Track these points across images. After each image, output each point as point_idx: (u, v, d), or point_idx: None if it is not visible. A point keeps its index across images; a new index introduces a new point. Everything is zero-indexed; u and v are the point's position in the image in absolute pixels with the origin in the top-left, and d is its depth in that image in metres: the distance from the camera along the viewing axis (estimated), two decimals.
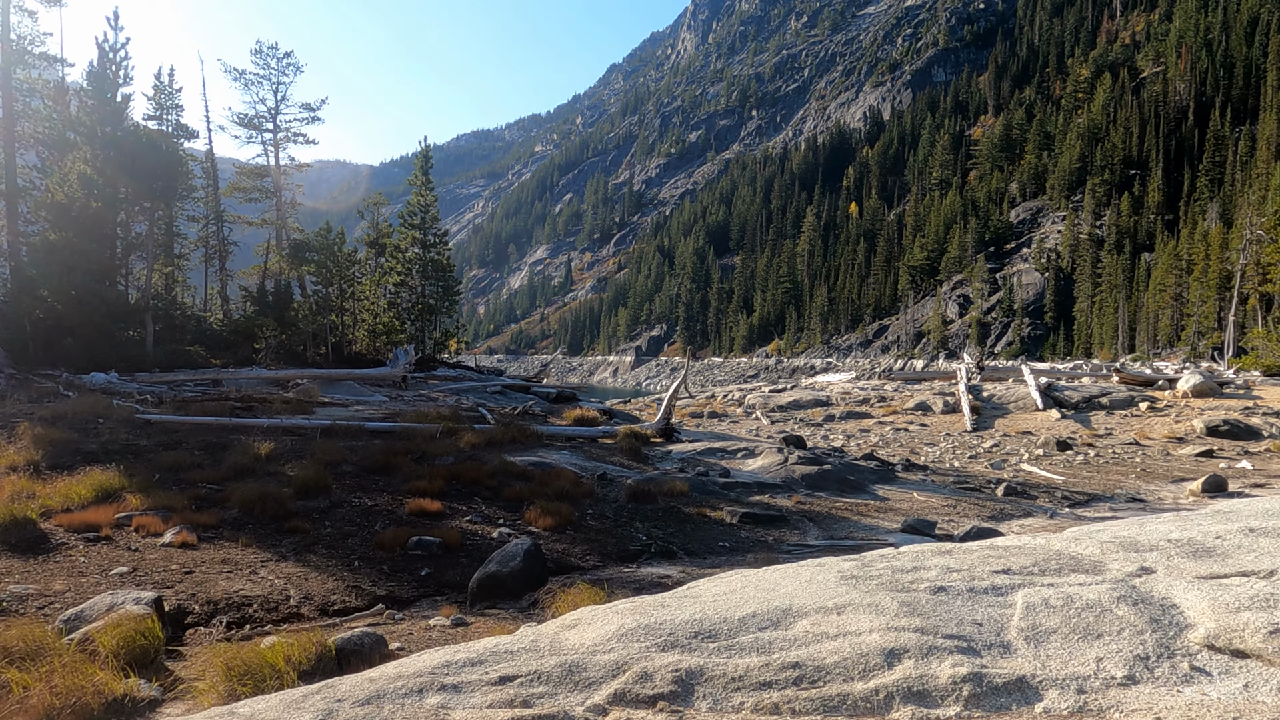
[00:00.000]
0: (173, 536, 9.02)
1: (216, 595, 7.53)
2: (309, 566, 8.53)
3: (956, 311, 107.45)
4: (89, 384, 17.77)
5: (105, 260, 22.54)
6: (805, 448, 16.19)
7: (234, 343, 25.49)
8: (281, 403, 17.01)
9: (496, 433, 14.35)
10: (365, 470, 12.61)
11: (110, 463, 11.92)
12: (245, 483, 11.48)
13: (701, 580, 4.98)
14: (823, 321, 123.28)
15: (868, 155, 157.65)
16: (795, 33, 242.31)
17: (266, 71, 32.79)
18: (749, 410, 27.04)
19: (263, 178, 33.14)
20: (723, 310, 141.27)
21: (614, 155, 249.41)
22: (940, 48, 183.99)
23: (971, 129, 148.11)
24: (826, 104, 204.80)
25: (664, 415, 16.42)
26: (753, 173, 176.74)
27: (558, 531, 10.34)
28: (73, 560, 8.32)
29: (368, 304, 30.43)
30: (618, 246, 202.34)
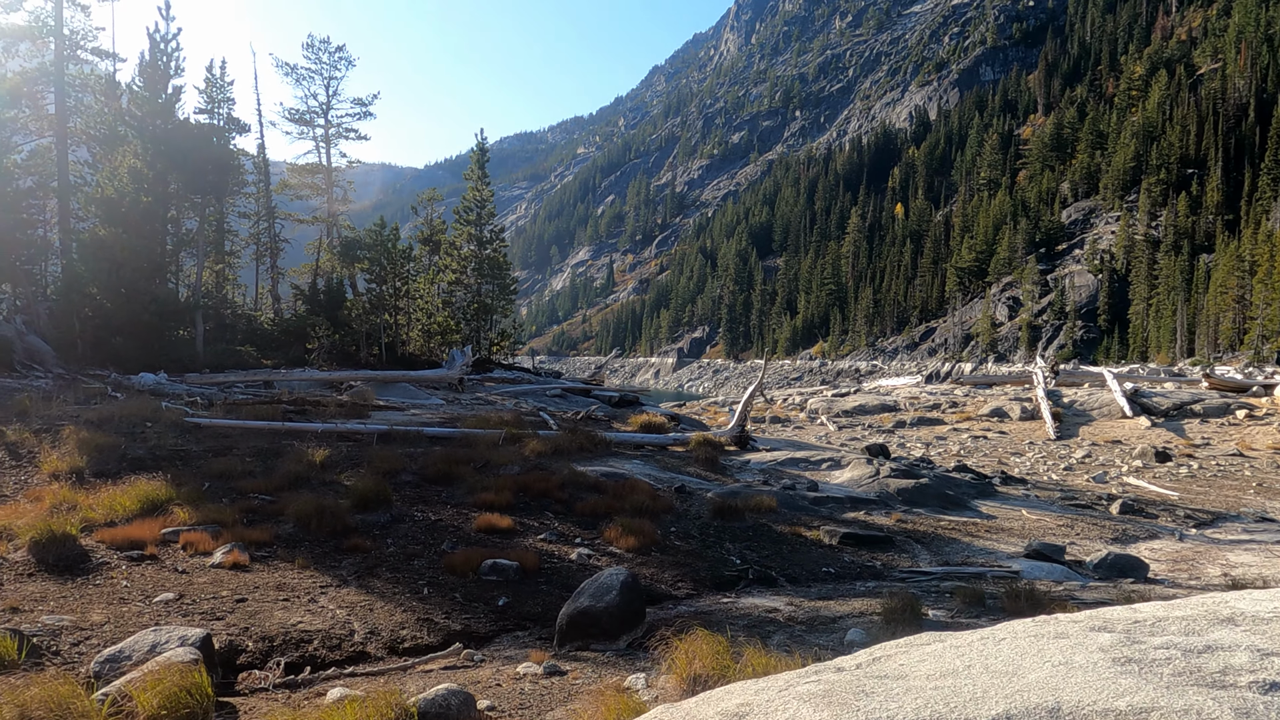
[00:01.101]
0: (223, 556, 8.15)
1: (272, 629, 6.60)
2: (373, 594, 7.59)
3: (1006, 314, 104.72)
4: (138, 385, 17.16)
5: (155, 257, 22.02)
6: (890, 458, 15.00)
7: (285, 343, 24.84)
8: (335, 406, 16.22)
9: (563, 440, 13.38)
10: (426, 480, 11.71)
11: (157, 470, 11.13)
12: (300, 493, 10.63)
13: (888, 648, 3.90)
14: (868, 324, 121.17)
15: (913, 155, 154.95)
16: (839, 32, 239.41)
17: (318, 66, 32.32)
18: (813, 415, 25.83)
19: (314, 174, 32.60)
20: (765, 312, 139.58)
21: (656, 157, 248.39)
22: (988, 46, 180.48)
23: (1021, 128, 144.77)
24: (871, 104, 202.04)
25: (738, 422, 15.35)
26: (796, 173, 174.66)
27: (641, 553, 9.31)
28: (114, 584, 7.47)
29: (422, 303, 29.61)
30: (660, 248, 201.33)
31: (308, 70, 32.21)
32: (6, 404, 14.64)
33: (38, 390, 15.98)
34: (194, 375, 19.26)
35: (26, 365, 18.80)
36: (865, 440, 21.35)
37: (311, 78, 32.33)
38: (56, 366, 18.78)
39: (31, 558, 7.95)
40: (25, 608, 6.74)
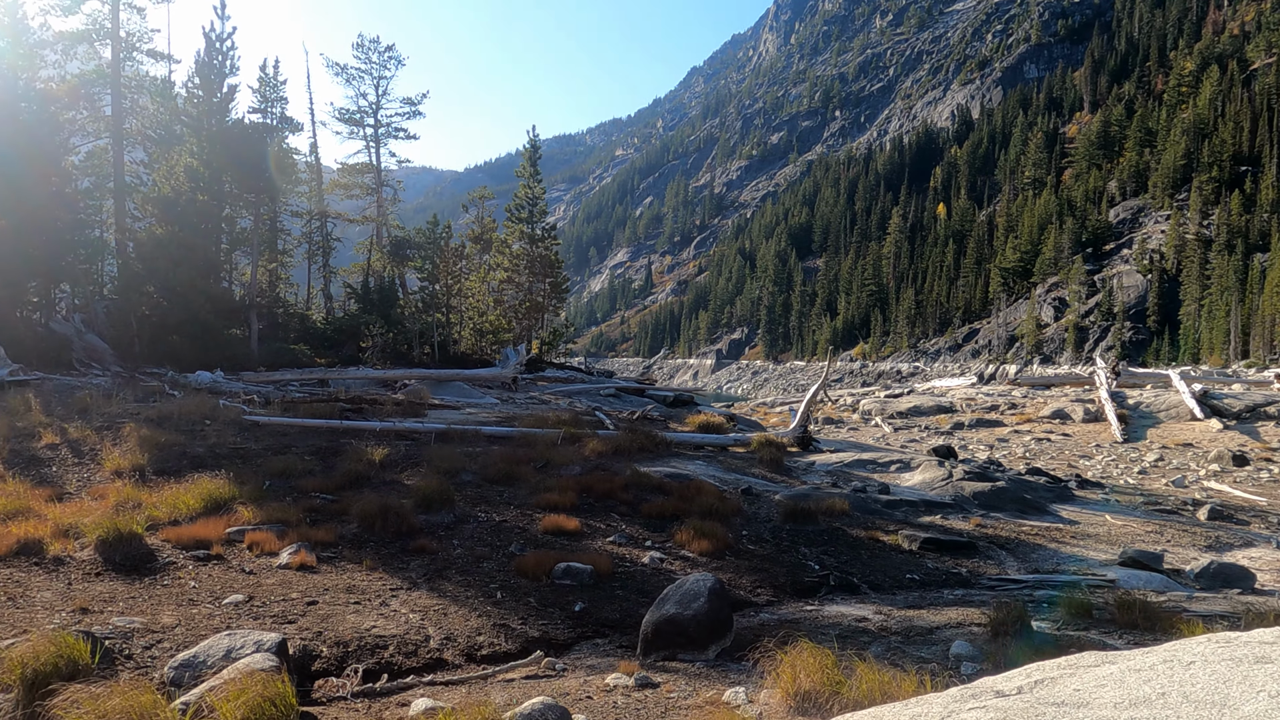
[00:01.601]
0: (290, 557, 7.94)
1: (346, 634, 6.35)
2: (445, 597, 7.31)
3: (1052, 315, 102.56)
4: (194, 383, 17.17)
5: (211, 256, 22.12)
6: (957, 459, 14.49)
7: (338, 341, 24.83)
8: (392, 404, 16.07)
9: (623, 440, 13.07)
10: (487, 480, 11.46)
11: (218, 468, 11.00)
12: (361, 493, 10.43)
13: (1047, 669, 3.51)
14: (909, 325, 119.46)
15: (956, 155, 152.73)
16: (880, 31, 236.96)
17: (368, 66, 32.36)
18: (866, 416, 25.25)
19: (364, 174, 32.65)
20: (805, 313, 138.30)
21: (694, 158, 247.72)
22: (1032, 43, 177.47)
23: (1066, 126, 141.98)
24: (912, 103, 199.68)
25: (800, 422, 14.92)
26: (836, 174, 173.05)
27: (715, 557, 8.96)
28: (182, 584, 7.28)
29: (473, 301, 29.45)
30: (698, 249, 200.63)
31: (358, 70, 32.33)
32: (67, 401, 14.68)
33: (97, 388, 16.04)
34: (249, 374, 19.25)
35: (85, 363, 18.94)
36: (924, 442, 20.79)
37: (361, 77, 32.46)
38: (114, 364, 18.88)
39: (98, 556, 7.81)
40: (95, 608, 6.57)
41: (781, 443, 14.28)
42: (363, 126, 32.92)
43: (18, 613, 6.38)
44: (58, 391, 15.71)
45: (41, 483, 10.16)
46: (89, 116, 24.50)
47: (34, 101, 20.98)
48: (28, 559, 7.66)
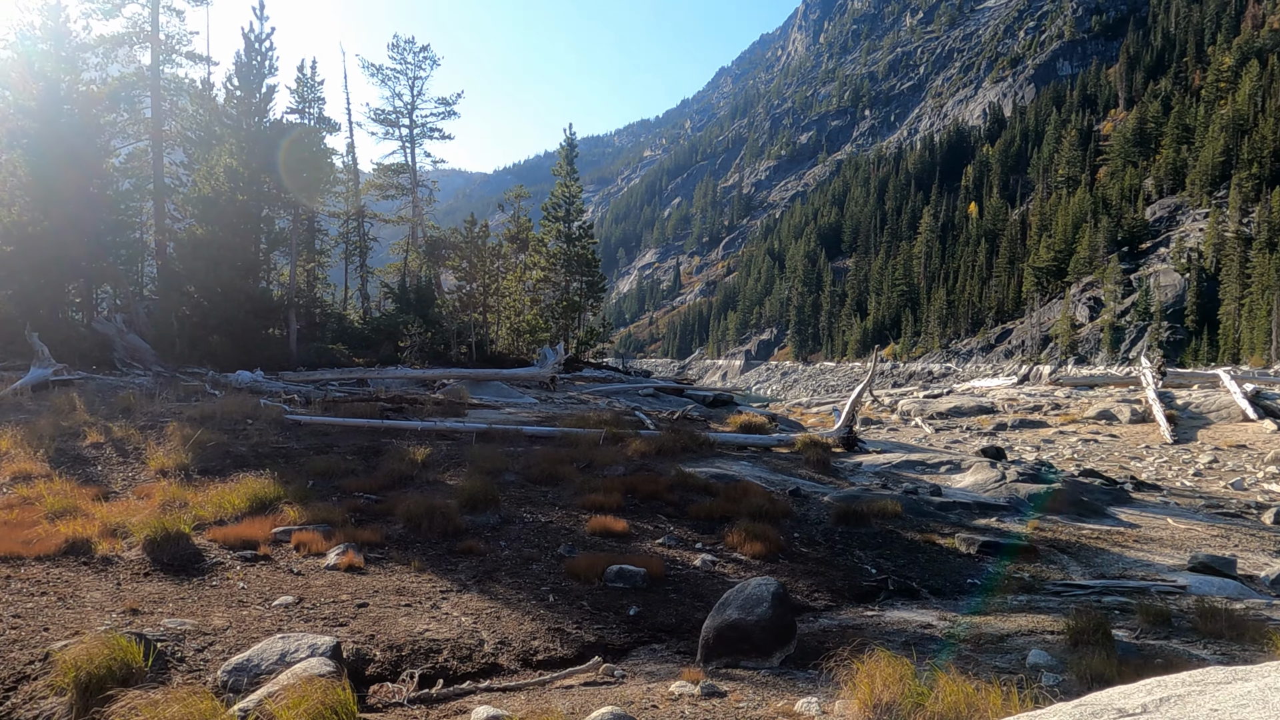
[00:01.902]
0: (337, 558, 7.81)
1: (398, 637, 6.19)
2: (497, 600, 7.14)
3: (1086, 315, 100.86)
4: (234, 383, 17.21)
5: (250, 256, 22.24)
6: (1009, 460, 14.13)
7: (376, 341, 24.86)
8: (432, 404, 15.99)
9: (666, 440, 12.86)
10: (530, 480, 11.30)
11: (261, 467, 10.94)
12: (405, 492, 10.32)
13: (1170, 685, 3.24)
14: (941, 325, 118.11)
15: (988, 153, 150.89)
16: (910, 29, 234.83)
17: (403, 66, 32.41)
18: (905, 417, 24.83)
19: (399, 174, 32.73)
20: (835, 314, 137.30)
21: (723, 158, 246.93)
22: (1066, 40, 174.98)
23: (1101, 123, 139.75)
24: (943, 101, 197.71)
25: (845, 423, 14.62)
26: (866, 173, 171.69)
27: (768, 560, 8.72)
28: (230, 585, 7.17)
29: (510, 301, 29.36)
30: (726, 250, 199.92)
31: (393, 70, 32.40)
32: (110, 400, 14.73)
33: (139, 387, 16.11)
34: (289, 373, 19.28)
35: (127, 363, 19.07)
36: (967, 443, 20.38)
37: (396, 78, 32.53)
38: (155, 364, 18.99)
39: (146, 556, 7.73)
40: (145, 609, 6.47)
41: (826, 443, 14.00)
42: (398, 127, 33.04)
43: (68, 613, 6.30)
44: (101, 391, 15.79)
45: (87, 481, 10.14)
46: (129, 119, 24.73)
47: (76, 105, 21.18)
48: (76, 558, 7.60)
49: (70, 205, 19.78)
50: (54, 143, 19.77)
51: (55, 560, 7.51)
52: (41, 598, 6.62)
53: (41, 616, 6.18)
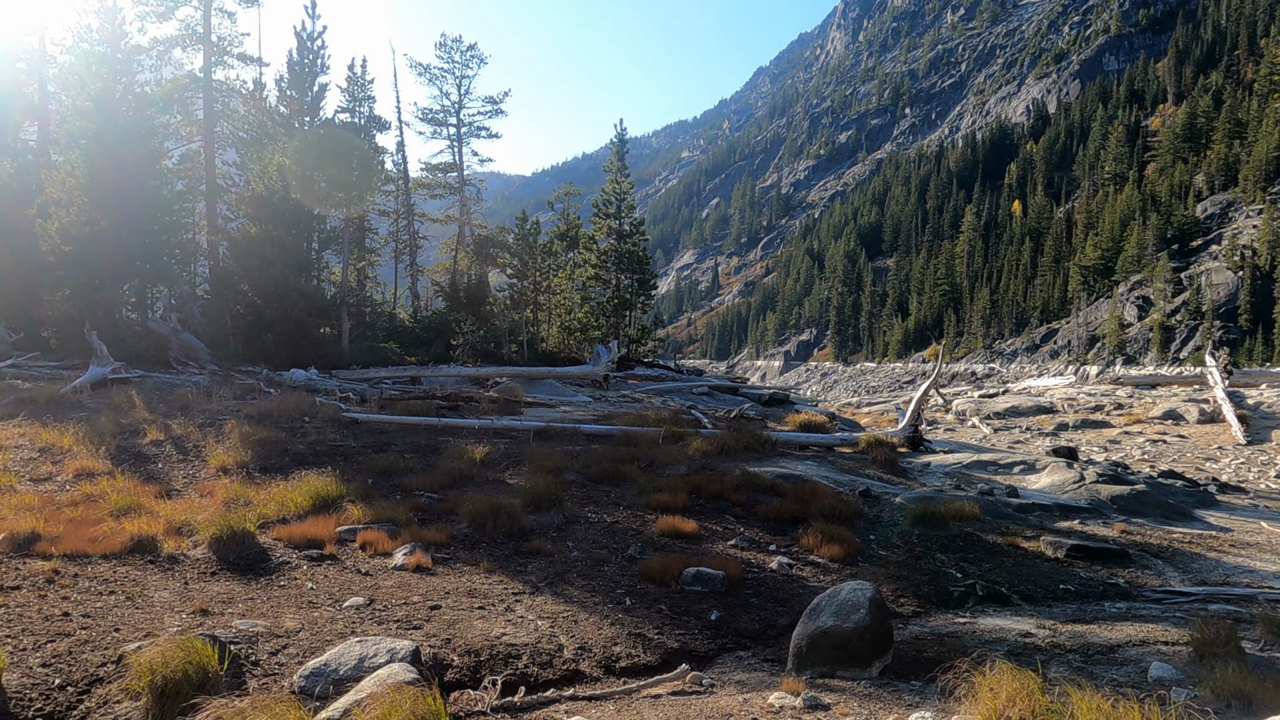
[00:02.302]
0: (404, 558, 7.59)
1: (475, 641, 5.94)
2: (572, 603, 6.86)
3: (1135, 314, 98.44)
4: (289, 381, 17.19)
5: (303, 254, 22.31)
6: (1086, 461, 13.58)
7: (426, 339, 24.81)
8: (488, 402, 15.82)
9: (727, 439, 12.53)
10: (591, 479, 11.04)
11: (320, 465, 10.80)
12: (465, 491, 10.10)
13: None
14: (984, 325, 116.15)
15: (1031, 150, 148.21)
16: (951, 26, 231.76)
17: (450, 65, 32.41)
18: (961, 416, 24.22)
19: (447, 172, 32.75)
20: (875, 314, 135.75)
21: (761, 158, 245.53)
22: (1112, 34, 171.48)
23: (1149, 119, 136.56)
24: (985, 99, 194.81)
25: (910, 422, 14.16)
26: (906, 172, 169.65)
27: (847, 563, 8.36)
28: (299, 586, 6.97)
29: (560, 299, 29.15)
30: (765, 250, 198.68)
31: (440, 69, 32.40)
32: (168, 398, 14.74)
33: (195, 385, 16.13)
34: (343, 371, 19.24)
35: (182, 361, 19.17)
36: (1028, 443, 19.77)
37: (444, 77, 32.53)
38: (210, 362, 19.07)
39: (212, 555, 7.57)
40: (214, 610, 6.29)
41: (891, 443, 13.56)
42: (445, 126, 33.00)
43: (138, 613, 6.13)
44: (158, 389, 15.83)
45: (149, 479, 10.05)
46: (182, 121, 24.98)
47: (131, 107, 21.37)
48: (142, 557, 7.46)
49: (126, 206, 19.95)
50: (110, 144, 19.97)
51: (122, 558, 7.38)
52: (110, 596, 6.47)
53: (111, 616, 6.03)
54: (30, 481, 9.90)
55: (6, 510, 8.48)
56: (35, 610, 6.03)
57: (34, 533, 7.59)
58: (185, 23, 24.17)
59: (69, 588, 6.59)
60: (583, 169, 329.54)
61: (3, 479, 9.56)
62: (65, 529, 7.91)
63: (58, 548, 7.37)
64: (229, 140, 25.14)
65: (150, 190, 20.97)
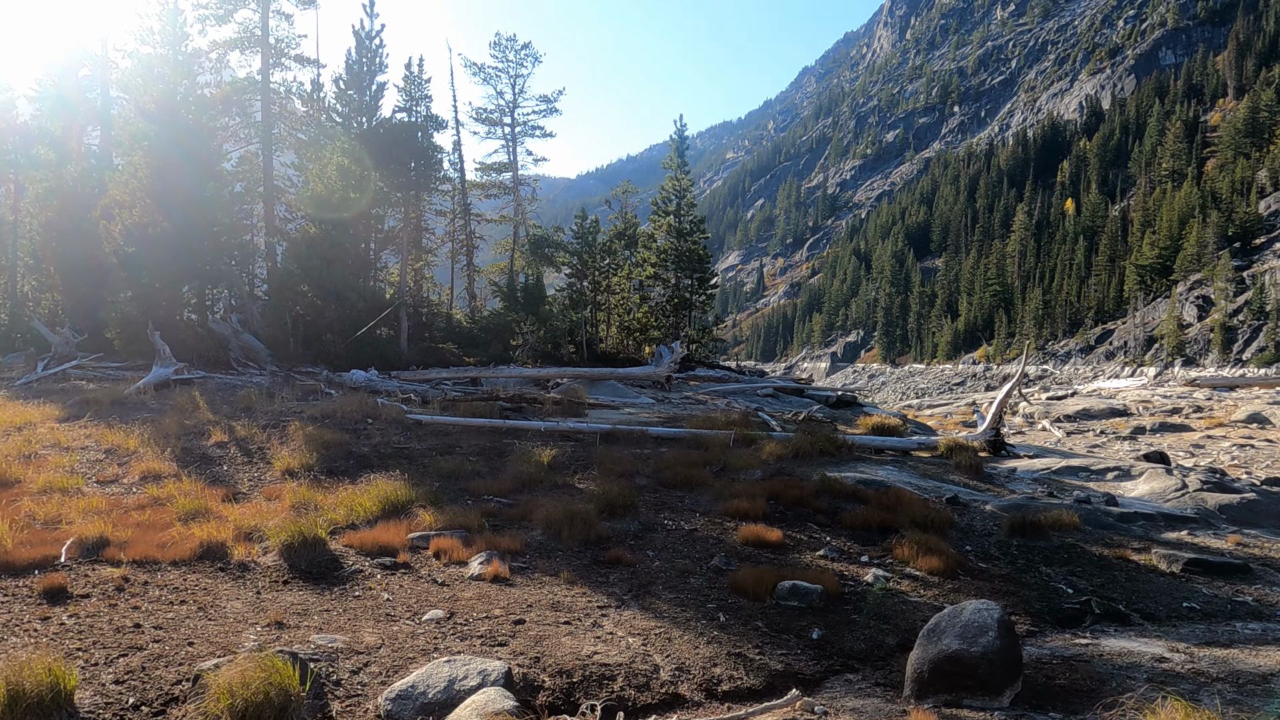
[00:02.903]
0: (481, 567, 7.23)
1: (565, 660, 5.54)
2: (662, 619, 6.44)
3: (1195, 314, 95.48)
4: (350, 382, 17.05)
5: (362, 254, 22.25)
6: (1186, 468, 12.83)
7: (484, 340, 24.62)
8: (551, 404, 15.50)
9: (801, 442, 12.02)
10: (662, 484, 10.61)
11: (385, 468, 10.53)
12: (534, 496, 9.74)
13: None
14: (1036, 326, 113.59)
15: (1085, 148, 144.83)
16: (1001, 22, 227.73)
17: (505, 64, 32.25)
18: (1029, 419, 23.36)
19: (501, 172, 32.60)
20: (924, 315, 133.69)
21: (807, 159, 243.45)
22: (1169, 28, 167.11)
23: (1208, 114, 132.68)
24: (1037, 95, 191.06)
25: (991, 425, 13.50)
26: (955, 171, 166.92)
27: (948, 576, 7.82)
28: (374, 597, 6.64)
29: (619, 298, 28.77)
30: (811, 251, 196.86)
31: (495, 69, 32.24)
32: (230, 399, 14.65)
33: (257, 386, 16.05)
34: (407, 373, 19.10)
35: (242, 362, 19.17)
36: (1106, 447, 18.95)
37: (498, 76, 32.35)
38: (270, 364, 19.03)
39: (283, 562, 7.29)
40: (290, 622, 5.97)
41: (972, 447, 12.93)
42: (500, 125, 32.82)
43: (211, 625, 5.84)
44: (220, 390, 15.77)
45: (215, 482, 9.85)
46: (240, 123, 25.15)
47: (191, 109, 21.48)
48: (212, 563, 7.21)
49: (187, 207, 20.03)
50: (172, 146, 20.07)
51: (191, 565, 7.14)
52: (181, 606, 6.20)
53: (184, 628, 5.74)
54: (97, 483, 9.75)
55: (75, 514, 8.31)
56: (106, 621, 5.77)
57: (102, 537, 7.38)
58: (243, 25, 24.30)
59: (139, 596, 6.34)
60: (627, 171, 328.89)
61: (70, 481, 9.42)
62: (133, 534, 7.70)
63: (126, 554, 7.15)
64: (287, 142, 25.22)
65: (210, 192, 21.05)
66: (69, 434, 11.96)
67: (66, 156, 27.27)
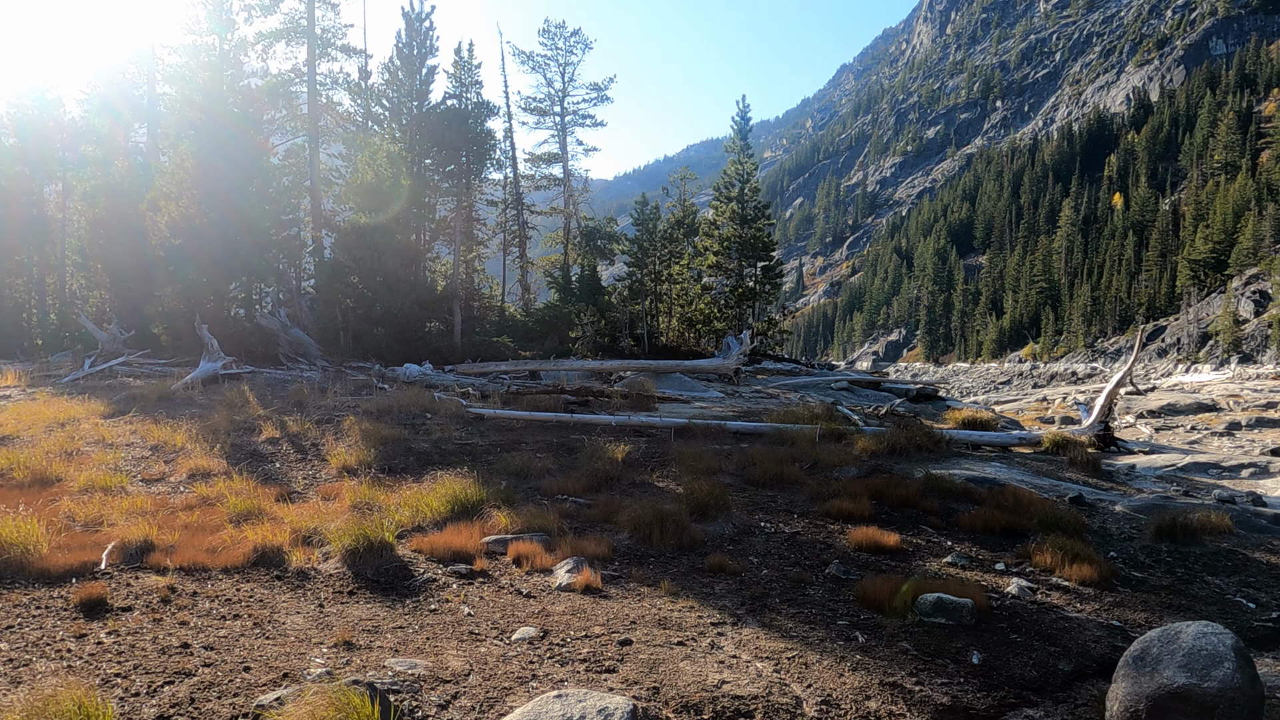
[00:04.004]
0: (569, 576, 6.34)
1: (689, 692, 4.60)
2: (790, 638, 5.48)
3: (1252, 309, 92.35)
4: (403, 376, 16.33)
5: (413, 244, 21.53)
6: None
7: (539, 333, 23.76)
8: (619, 397, 14.63)
9: (896, 437, 10.99)
10: (750, 482, 9.68)
11: (448, 465, 9.70)
12: (612, 495, 8.86)
13: None
14: (1085, 323, 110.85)
15: (1133, 141, 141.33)
16: (1044, 15, 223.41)
17: (554, 52, 31.34)
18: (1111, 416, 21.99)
19: (551, 163, 31.76)
20: (968, 313, 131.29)
21: (845, 157, 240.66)
22: (1219, 17, 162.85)
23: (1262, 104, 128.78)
24: (1082, 88, 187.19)
25: (1099, 417, 12.38)
26: (999, 166, 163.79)
27: (1103, 587, 6.78)
28: (453, 611, 5.77)
29: (680, 289, 27.71)
30: (850, 250, 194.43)
31: (544, 57, 31.36)
32: (280, 394, 13.96)
33: (307, 381, 15.38)
34: (463, 366, 18.35)
35: (291, 357, 18.56)
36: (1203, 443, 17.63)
37: (548, 64, 31.48)
38: (319, 358, 18.39)
39: (347, 570, 6.45)
40: (360, 642, 5.11)
41: (1080, 441, 11.81)
42: (550, 115, 31.94)
43: (269, 645, 4.99)
44: (269, 384, 15.11)
45: (267, 480, 9.09)
46: (287, 115, 24.63)
47: (237, 101, 20.94)
48: (268, 571, 6.40)
49: (234, 200, 19.48)
50: (218, 137, 19.54)
51: (245, 573, 6.33)
52: (235, 622, 5.37)
53: (238, 648, 4.90)
54: (142, 482, 9.04)
55: (117, 515, 7.55)
56: (149, 640, 4.95)
57: (147, 541, 6.61)
58: (289, 15, 23.77)
59: (187, 610, 5.53)
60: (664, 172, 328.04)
61: (113, 480, 8.70)
62: (181, 537, 6.93)
63: (173, 559, 6.36)
64: (334, 134, 24.64)
65: (257, 185, 20.47)
66: (113, 430, 11.31)
67: (113, 154, 26.98)
